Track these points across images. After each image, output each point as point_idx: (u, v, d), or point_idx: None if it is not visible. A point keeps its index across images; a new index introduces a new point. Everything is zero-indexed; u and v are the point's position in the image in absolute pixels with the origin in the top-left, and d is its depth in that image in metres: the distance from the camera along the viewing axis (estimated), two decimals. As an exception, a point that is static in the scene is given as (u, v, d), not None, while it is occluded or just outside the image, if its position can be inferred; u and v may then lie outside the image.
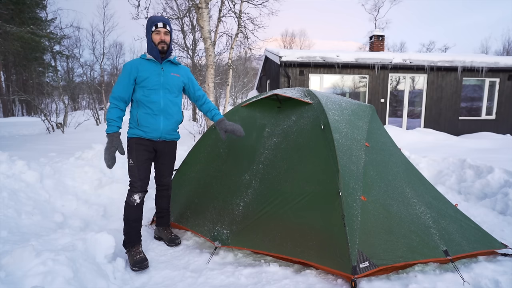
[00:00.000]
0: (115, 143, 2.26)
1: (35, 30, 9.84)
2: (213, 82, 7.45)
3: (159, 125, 2.40)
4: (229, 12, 9.50)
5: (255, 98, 3.09)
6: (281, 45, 43.47)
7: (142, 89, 2.34)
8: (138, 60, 2.37)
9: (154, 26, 2.34)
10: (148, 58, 2.38)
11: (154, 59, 2.38)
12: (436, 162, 4.63)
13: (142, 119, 2.36)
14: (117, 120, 2.30)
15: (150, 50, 2.39)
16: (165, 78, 2.40)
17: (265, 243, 2.26)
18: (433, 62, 10.53)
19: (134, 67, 2.32)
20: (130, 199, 2.34)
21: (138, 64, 2.34)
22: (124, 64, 2.37)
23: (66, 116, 11.78)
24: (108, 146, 2.25)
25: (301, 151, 2.48)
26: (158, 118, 2.39)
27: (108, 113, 2.30)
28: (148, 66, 2.36)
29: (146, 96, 2.34)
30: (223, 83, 19.95)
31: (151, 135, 2.40)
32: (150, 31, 2.36)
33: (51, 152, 5.11)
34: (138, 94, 2.35)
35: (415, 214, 2.31)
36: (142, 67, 2.34)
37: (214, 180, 2.80)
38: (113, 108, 2.30)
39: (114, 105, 2.30)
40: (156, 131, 2.40)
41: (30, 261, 1.69)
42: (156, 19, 2.36)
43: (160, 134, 2.43)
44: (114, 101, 2.31)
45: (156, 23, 2.34)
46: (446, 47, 36.65)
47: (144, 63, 2.36)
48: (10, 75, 24.29)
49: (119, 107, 2.32)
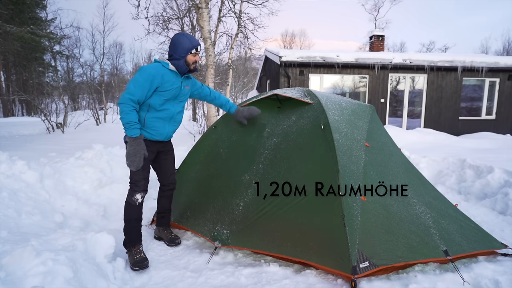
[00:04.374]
0: (143, 145, 2.26)
1: (35, 30, 9.84)
2: (213, 82, 7.45)
3: (165, 130, 2.46)
4: (229, 12, 9.50)
5: (255, 98, 3.09)
6: (281, 45, 43.47)
7: (159, 96, 2.33)
8: (162, 69, 2.33)
9: (195, 49, 2.39)
10: (171, 69, 2.38)
11: (177, 71, 2.40)
12: (436, 162, 4.63)
13: (150, 122, 2.37)
14: (138, 123, 2.27)
15: (179, 65, 2.38)
16: (181, 92, 2.47)
17: (265, 243, 2.26)
18: (433, 62, 10.53)
19: (159, 76, 2.29)
20: (132, 198, 2.34)
21: (164, 74, 2.32)
22: (147, 68, 2.29)
23: (66, 116, 11.78)
24: (137, 149, 2.23)
25: (301, 151, 2.48)
26: (165, 124, 2.45)
27: (127, 116, 2.20)
28: (172, 78, 2.37)
29: (160, 104, 2.35)
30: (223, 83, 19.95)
31: (156, 138, 2.43)
32: (187, 52, 2.36)
33: (51, 152, 5.11)
34: (153, 100, 2.33)
35: (415, 214, 2.31)
36: (167, 78, 2.34)
37: (214, 180, 2.81)
38: (132, 111, 2.23)
39: (133, 108, 2.23)
40: (161, 135, 2.45)
41: (30, 261, 1.69)
42: (196, 43, 2.40)
43: (165, 137, 2.50)
44: (132, 103, 2.22)
45: (197, 47, 2.39)
46: (446, 47, 36.68)
47: (168, 74, 2.35)
48: (10, 75, 24.28)
49: (136, 110, 2.28)
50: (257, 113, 2.83)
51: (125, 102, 2.20)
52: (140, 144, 2.24)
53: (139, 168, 2.26)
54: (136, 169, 2.25)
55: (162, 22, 9.55)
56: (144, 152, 2.27)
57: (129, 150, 2.23)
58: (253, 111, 2.83)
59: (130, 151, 2.22)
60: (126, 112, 2.20)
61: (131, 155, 2.22)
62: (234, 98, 26.99)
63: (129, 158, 2.23)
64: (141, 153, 2.24)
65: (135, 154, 2.22)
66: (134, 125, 2.22)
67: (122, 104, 2.20)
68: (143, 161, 2.27)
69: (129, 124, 2.21)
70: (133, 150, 2.22)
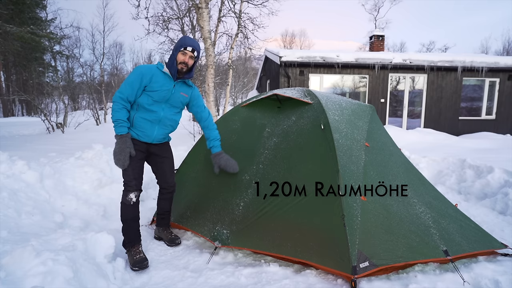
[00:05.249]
0: (128, 144, 2.27)
1: (35, 30, 9.84)
2: (213, 82, 7.45)
3: (153, 132, 2.43)
4: (229, 12, 9.50)
5: (255, 98, 3.09)
6: (281, 45, 43.46)
7: (147, 96, 2.33)
8: (154, 69, 2.34)
9: (183, 47, 2.35)
10: (164, 71, 2.38)
11: (170, 75, 2.39)
12: (436, 162, 4.63)
13: (138, 122, 2.36)
14: (127, 121, 2.29)
15: (170, 66, 2.37)
16: (172, 96, 2.42)
17: (265, 243, 2.26)
18: (433, 62, 10.52)
19: (148, 75, 2.30)
20: (126, 198, 2.35)
21: (153, 74, 2.32)
22: (139, 67, 2.33)
23: (66, 116, 11.77)
24: (122, 147, 2.24)
25: (301, 151, 2.48)
26: (153, 126, 2.42)
27: (116, 113, 2.25)
28: (162, 79, 2.35)
29: (148, 104, 2.34)
30: (223, 83, 19.96)
31: (143, 139, 2.42)
32: (178, 49, 2.36)
33: (51, 152, 5.11)
34: (142, 99, 2.33)
35: (415, 214, 2.31)
36: (156, 78, 2.33)
37: (214, 180, 2.80)
38: (122, 109, 2.26)
39: (123, 106, 2.27)
40: (148, 137, 2.43)
41: (30, 261, 1.69)
42: (188, 42, 2.37)
43: (152, 140, 2.47)
44: (122, 102, 2.26)
45: (186, 46, 2.35)
46: (446, 47, 36.64)
47: (159, 74, 2.35)
48: (10, 75, 24.27)
49: (127, 108, 2.30)
50: (233, 170, 2.61)
51: (115, 100, 2.26)
52: (125, 143, 2.25)
53: (125, 166, 2.27)
54: (123, 167, 2.27)
55: (162, 22, 9.55)
56: (130, 151, 2.27)
57: (115, 148, 2.26)
58: (230, 166, 2.61)
59: (116, 149, 2.25)
60: (115, 110, 2.26)
61: (117, 153, 2.24)
62: (234, 98, 26.98)
63: (115, 156, 2.25)
64: (126, 152, 2.24)
65: (120, 152, 2.24)
66: (121, 123, 2.25)
67: (113, 102, 2.26)
68: (128, 160, 2.27)
69: (117, 122, 2.25)
70: (118, 148, 2.24)
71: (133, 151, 2.30)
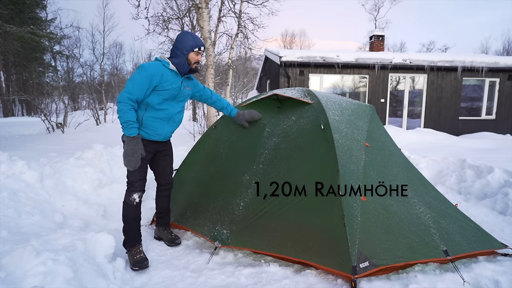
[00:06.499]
0: (140, 145, 2.25)
1: (35, 30, 9.84)
2: (213, 82, 7.45)
3: (164, 130, 2.44)
4: (229, 12, 9.51)
5: (255, 98, 3.09)
6: (281, 45, 43.46)
7: (157, 96, 2.32)
8: (162, 68, 2.31)
9: (198, 48, 2.38)
10: (171, 68, 2.36)
11: (177, 71, 2.39)
12: (436, 162, 4.63)
13: (148, 121, 2.35)
14: (136, 122, 2.25)
15: (180, 65, 2.36)
16: (180, 92, 2.45)
17: (265, 243, 2.26)
18: (433, 62, 10.53)
19: (159, 74, 2.27)
20: (130, 198, 2.34)
21: (163, 74, 2.30)
22: (146, 66, 2.26)
23: (66, 116, 11.77)
24: (135, 148, 2.21)
25: (301, 151, 2.48)
26: (164, 124, 2.42)
27: (125, 115, 2.18)
28: (172, 77, 2.35)
29: (158, 103, 2.33)
30: (223, 83, 19.96)
31: (154, 138, 2.42)
32: (190, 49, 2.36)
33: (51, 152, 5.11)
34: (151, 99, 2.31)
35: (415, 214, 2.31)
36: (167, 77, 2.32)
37: (214, 180, 2.80)
38: (130, 110, 2.20)
39: (131, 106, 2.21)
40: (159, 135, 2.44)
41: (30, 261, 1.69)
42: (200, 42, 2.40)
43: (163, 138, 2.48)
44: (131, 102, 2.20)
45: (200, 46, 2.39)
46: (446, 47, 36.67)
47: (168, 73, 2.33)
48: (10, 75, 24.27)
49: (135, 108, 2.26)
50: (258, 117, 2.86)
51: (123, 101, 2.18)
52: (137, 144, 2.23)
53: (136, 168, 2.24)
54: (133, 169, 2.24)
55: (162, 22, 9.55)
56: (142, 152, 2.26)
57: (126, 150, 2.21)
58: (254, 114, 2.86)
59: (128, 151, 2.21)
60: (124, 111, 2.18)
61: (128, 154, 2.21)
62: (234, 98, 26.98)
63: (126, 158, 2.21)
64: (138, 153, 2.23)
65: (132, 154, 2.21)
66: (132, 124, 2.20)
67: (120, 103, 2.18)
68: (140, 161, 2.25)
69: (127, 123, 2.19)
70: (131, 149, 2.21)
71: (144, 153, 2.29)
